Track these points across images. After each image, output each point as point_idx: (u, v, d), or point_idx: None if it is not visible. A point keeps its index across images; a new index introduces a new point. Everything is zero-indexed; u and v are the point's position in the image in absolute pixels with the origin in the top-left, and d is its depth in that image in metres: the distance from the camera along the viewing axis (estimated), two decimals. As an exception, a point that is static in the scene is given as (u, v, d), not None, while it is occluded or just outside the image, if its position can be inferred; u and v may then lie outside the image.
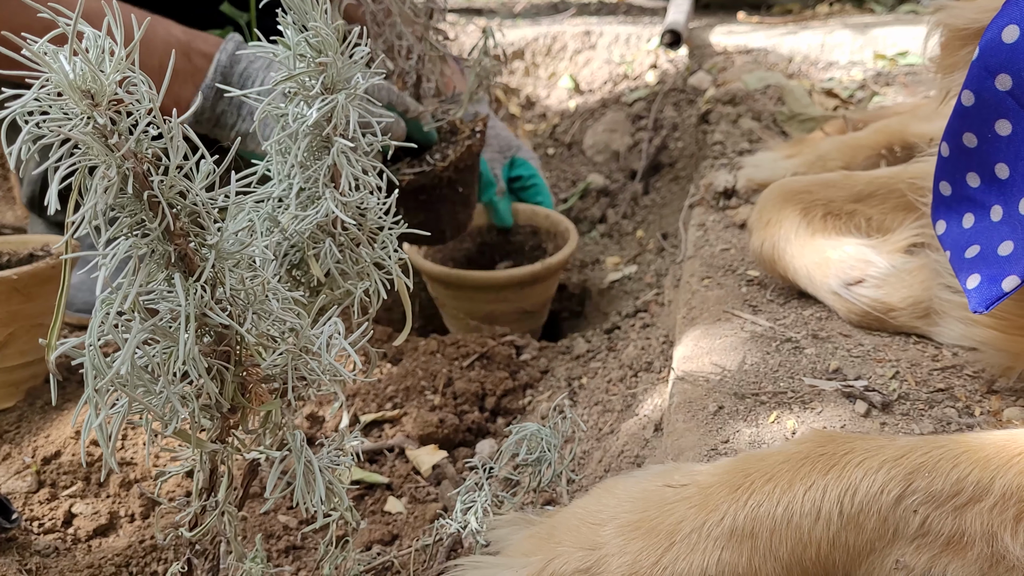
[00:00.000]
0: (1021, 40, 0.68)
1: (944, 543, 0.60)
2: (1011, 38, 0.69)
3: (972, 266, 0.73)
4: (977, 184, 0.76)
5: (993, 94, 0.71)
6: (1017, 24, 0.68)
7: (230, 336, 0.57)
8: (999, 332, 0.79)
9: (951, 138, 0.77)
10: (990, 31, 0.71)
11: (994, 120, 0.72)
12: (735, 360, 0.92)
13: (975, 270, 0.73)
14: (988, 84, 0.71)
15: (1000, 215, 0.73)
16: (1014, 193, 0.72)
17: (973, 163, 0.75)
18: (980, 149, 0.74)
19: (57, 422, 1.10)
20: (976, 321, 0.81)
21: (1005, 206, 0.72)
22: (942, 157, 0.78)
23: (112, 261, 0.50)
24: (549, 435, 0.80)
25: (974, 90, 0.73)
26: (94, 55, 0.48)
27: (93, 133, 0.47)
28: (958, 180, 0.77)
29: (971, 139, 0.75)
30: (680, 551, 0.62)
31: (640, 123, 2.17)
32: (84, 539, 0.94)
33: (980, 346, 0.83)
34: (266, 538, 0.93)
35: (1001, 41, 0.70)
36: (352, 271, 0.66)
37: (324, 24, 0.58)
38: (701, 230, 1.33)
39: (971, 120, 0.74)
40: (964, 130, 0.75)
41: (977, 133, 0.74)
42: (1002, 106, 0.71)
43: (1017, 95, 0.70)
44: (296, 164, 0.62)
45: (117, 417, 0.54)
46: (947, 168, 0.78)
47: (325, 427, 1.13)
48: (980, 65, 0.72)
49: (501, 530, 0.72)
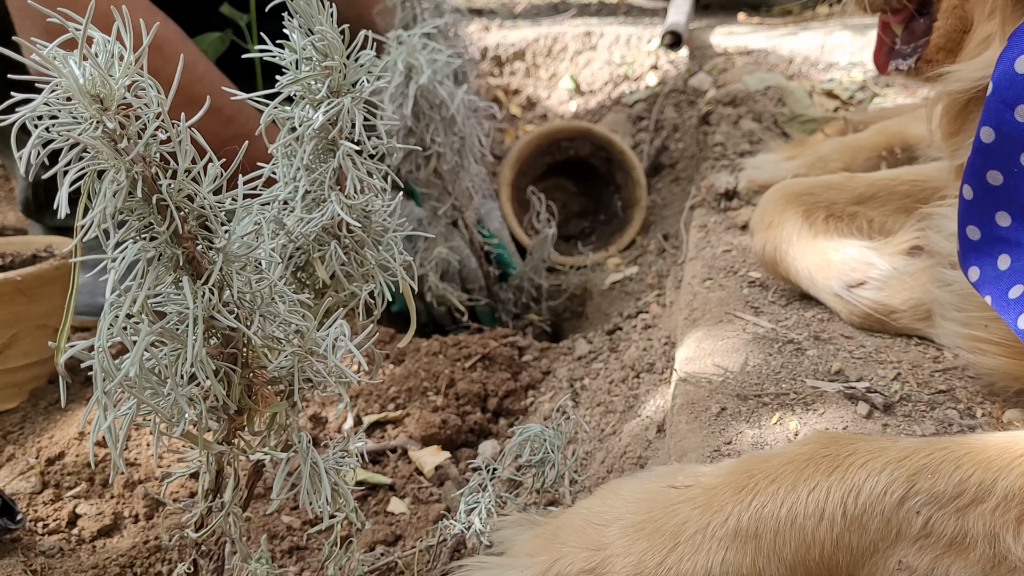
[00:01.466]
0: None
1: (947, 544, 0.61)
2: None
3: (1019, 305, 0.71)
4: (1008, 223, 0.73)
5: (1014, 127, 0.69)
6: None
7: (237, 338, 0.57)
8: (1008, 359, 0.79)
9: (974, 179, 0.74)
10: (1002, 63, 0.69)
11: (1019, 153, 0.70)
12: (737, 361, 0.92)
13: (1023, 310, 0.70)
14: (1008, 117, 0.69)
15: None
16: None
17: (1001, 201, 0.73)
18: (1007, 185, 0.72)
19: (61, 423, 1.11)
20: (984, 351, 0.80)
21: None
22: (965, 200, 0.76)
23: (121, 264, 0.51)
24: (552, 436, 0.80)
25: (994, 125, 0.71)
26: (104, 60, 0.48)
27: (102, 137, 0.48)
28: (987, 221, 0.74)
29: (996, 176, 0.73)
30: (684, 552, 0.62)
31: (641, 124, 2.17)
32: (88, 540, 0.95)
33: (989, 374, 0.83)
34: (270, 539, 0.94)
35: (1015, 72, 0.68)
36: (357, 273, 0.66)
37: (330, 28, 0.59)
38: (702, 231, 1.34)
39: (994, 156, 0.72)
40: (988, 168, 0.73)
41: (1002, 169, 0.72)
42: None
43: None
44: (302, 167, 0.63)
45: (125, 419, 0.54)
46: (972, 211, 0.75)
47: (329, 428, 1.14)
48: (996, 99, 0.70)
49: (506, 531, 0.73)
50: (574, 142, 1.88)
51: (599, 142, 1.85)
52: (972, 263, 0.76)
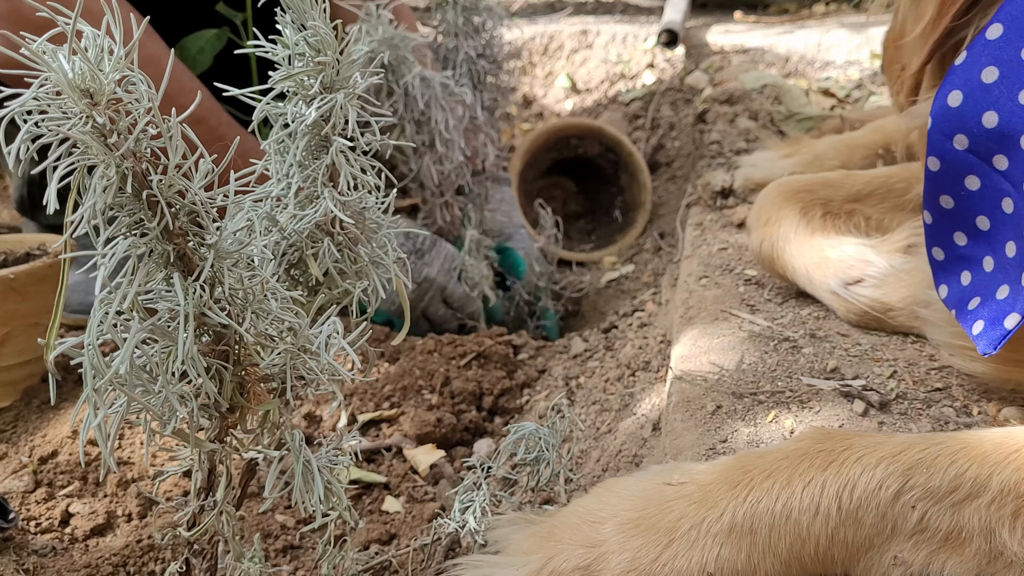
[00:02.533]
0: (965, 102, 0.74)
1: (942, 539, 0.61)
2: (956, 102, 0.75)
3: (975, 315, 0.76)
4: (964, 242, 0.79)
5: (955, 155, 0.76)
6: (959, 89, 0.75)
7: (229, 335, 0.56)
8: (994, 363, 0.80)
9: (930, 204, 0.81)
10: (938, 100, 0.77)
11: (963, 178, 0.76)
12: (733, 359, 0.92)
13: (978, 317, 0.76)
14: (948, 147, 0.76)
15: (992, 264, 0.76)
16: (998, 240, 0.75)
17: (956, 223, 0.79)
18: (958, 208, 0.78)
19: (54, 421, 1.10)
20: (974, 358, 0.82)
21: (994, 255, 0.76)
22: (927, 225, 0.82)
23: (111, 260, 0.50)
24: (547, 434, 0.80)
25: (937, 155, 0.77)
26: (93, 54, 0.48)
27: (92, 132, 0.47)
28: (947, 242, 0.81)
29: (948, 201, 0.79)
30: (679, 548, 0.62)
31: (637, 122, 2.17)
32: (81, 539, 0.94)
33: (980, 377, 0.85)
34: (264, 537, 0.93)
35: (948, 106, 0.75)
36: (350, 270, 0.65)
37: (323, 23, 0.58)
38: (698, 229, 1.33)
39: (942, 183, 0.78)
40: (939, 194, 0.79)
41: (951, 193, 0.78)
42: (966, 163, 0.75)
43: (975, 150, 0.74)
44: (295, 163, 0.62)
45: (116, 417, 0.53)
46: (934, 234, 0.82)
47: (323, 426, 1.13)
48: (936, 131, 0.77)
49: (502, 530, 0.72)
50: (583, 140, 1.88)
51: (609, 142, 1.85)
52: (941, 282, 0.82)
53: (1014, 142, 0.71)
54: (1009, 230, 0.74)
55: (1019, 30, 0.71)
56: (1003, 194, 0.74)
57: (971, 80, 0.74)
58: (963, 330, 0.81)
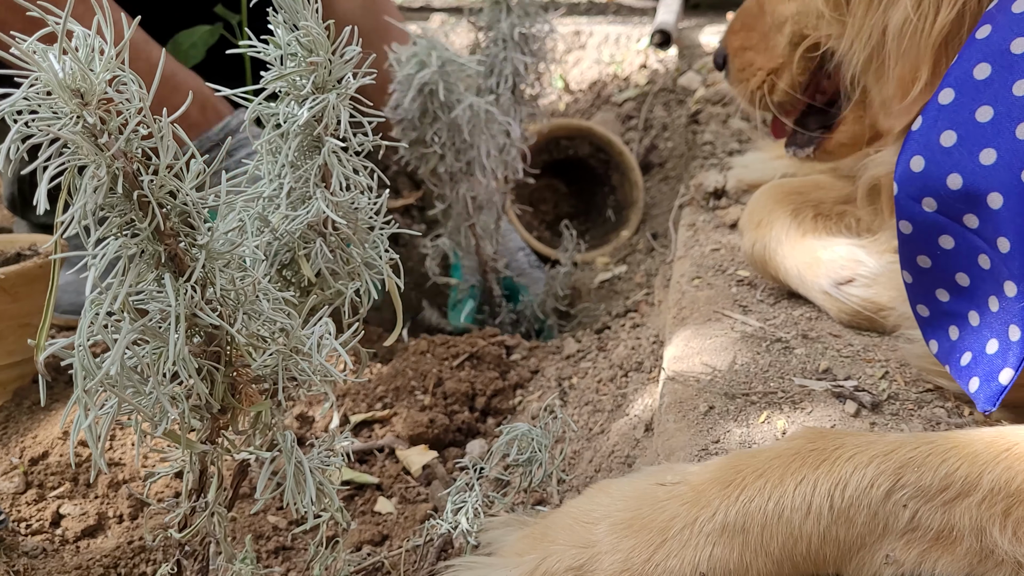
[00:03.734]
0: (928, 167, 0.76)
1: (933, 538, 0.61)
2: (919, 167, 0.76)
3: (969, 371, 0.76)
4: (947, 298, 0.80)
5: (924, 216, 0.77)
6: (919, 155, 0.76)
7: (220, 336, 0.56)
8: None
9: (908, 265, 0.82)
10: (900, 165, 0.78)
11: (936, 238, 0.77)
12: (725, 360, 0.92)
13: (973, 374, 0.76)
14: (917, 210, 0.77)
15: (978, 319, 0.77)
16: (980, 295, 0.76)
17: (936, 280, 0.80)
18: (936, 266, 0.79)
19: (45, 423, 1.10)
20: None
21: (978, 309, 0.77)
22: (908, 284, 0.83)
23: (101, 261, 0.50)
24: (539, 435, 0.80)
25: (907, 218, 0.79)
26: (84, 54, 0.47)
27: (82, 132, 0.47)
28: (930, 299, 0.81)
29: (925, 260, 0.80)
30: (672, 548, 0.62)
31: (630, 123, 2.17)
32: (72, 540, 0.94)
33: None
34: (256, 539, 0.93)
35: (912, 171, 0.77)
36: (343, 271, 0.65)
37: (315, 23, 0.58)
38: (691, 230, 1.34)
39: (917, 244, 0.79)
40: (915, 254, 0.80)
41: (927, 253, 0.79)
42: (937, 224, 0.77)
43: (944, 211, 0.76)
44: (287, 164, 0.62)
45: (106, 418, 0.53)
46: (917, 292, 0.82)
47: (315, 427, 1.13)
48: (903, 195, 0.78)
49: (495, 531, 0.72)
50: (574, 141, 1.87)
51: (599, 142, 1.85)
52: (930, 337, 0.82)
53: (981, 201, 0.72)
54: (989, 285, 0.75)
55: (969, 92, 0.73)
56: (978, 251, 0.75)
57: (931, 145, 0.76)
58: None
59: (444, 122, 1.29)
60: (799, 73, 1.05)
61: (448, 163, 1.33)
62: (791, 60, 1.03)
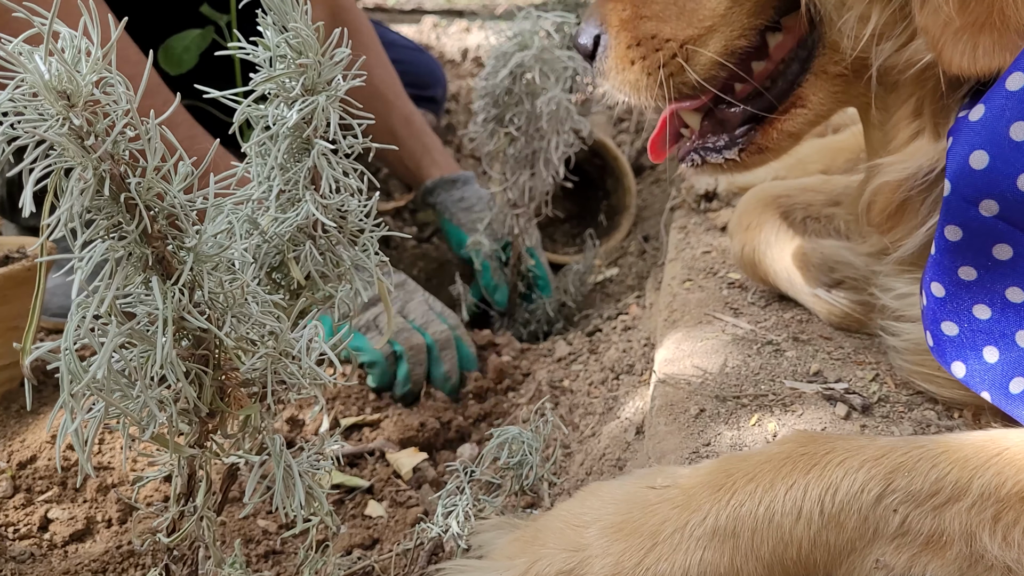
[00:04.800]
0: (993, 163, 0.66)
1: (924, 542, 0.61)
2: (980, 164, 0.67)
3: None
4: (988, 316, 0.71)
5: (981, 222, 0.68)
6: (982, 149, 0.66)
7: (209, 340, 0.56)
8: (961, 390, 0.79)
9: (944, 277, 0.72)
10: (954, 161, 0.68)
11: (991, 247, 0.69)
12: (716, 363, 0.92)
13: None
14: (972, 214, 0.68)
15: None
16: None
17: (977, 295, 0.71)
18: (982, 279, 0.71)
19: (33, 426, 1.09)
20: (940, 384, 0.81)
21: None
22: (936, 298, 0.74)
23: (88, 264, 0.50)
24: (530, 438, 0.79)
25: (959, 223, 0.69)
26: (70, 55, 0.47)
27: (69, 134, 0.47)
28: (964, 317, 0.72)
29: (969, 272, 0.71)
30: (663, 551, 0.62)
31: (622, 125, 2.17)
32: (60, 545, 0.93)
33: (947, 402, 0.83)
34: (245, 543, 0.93)
35: (971, 168, 0.67)
36: (332, 274, 0.65)
37: (304, 25, 0.58)
38: (682, 233, 1.34)
39: (963, 254, 0.70)
40: (958, 265, 0.71)
41: (975, 264, 0.70)
42: (995, 231, 0.68)
43: (1007, 216, 0.67)
44: (276, 166, 0.62)
45: (93, 422, 0.53)
46: (946, 308, 0.73)
47: (305, 431, 1.12)
48: (957, 197, 0.68)
49: (485, 534, 0.72)
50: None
51: (594, 146, 1.84)
52: (954, 359, 0.73)
53: None
54: None
55: None
56: None
57: (997, 138, 0.65)
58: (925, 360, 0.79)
59: (526, 107, 1.28)
60: (736, 36, 0.82)
61: (518, 148, 1.33)
62: (729, 18, 0.81)
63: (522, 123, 1.30)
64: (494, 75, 1.26)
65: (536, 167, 1.35)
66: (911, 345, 0.83)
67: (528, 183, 1.37)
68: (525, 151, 1.33)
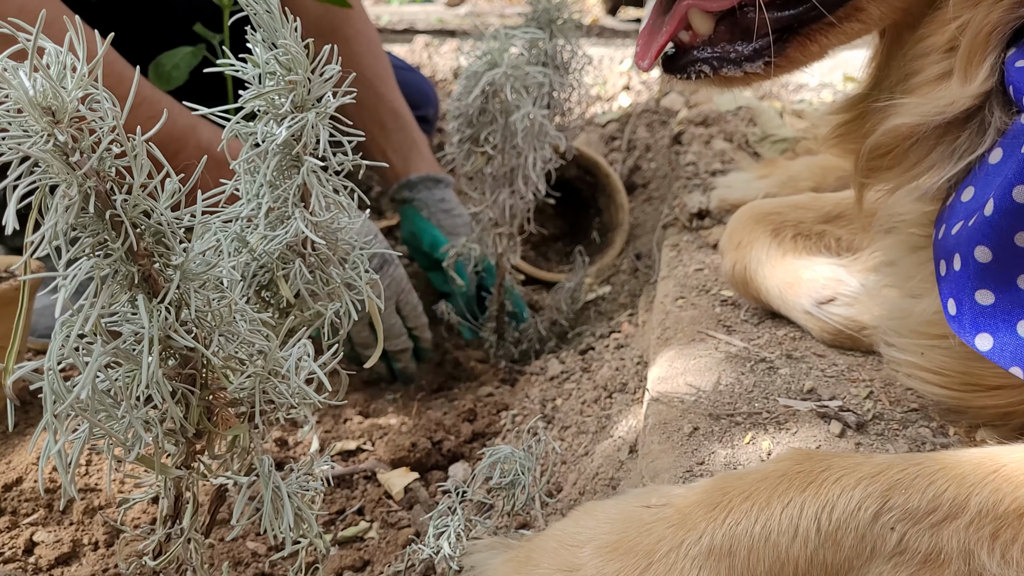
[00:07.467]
0: None
1: (921, 561, 0.60)
2: None
3: None
4: None
5: None
6: None
7: (196, 359, 0.55)
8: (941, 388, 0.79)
9: (994, 240, 0.66)
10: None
11: None
12: (710, 381, 0.92)
13: None
14: None
15: None
16: None
17: None
18: None
19: (19, 448, 1.08)
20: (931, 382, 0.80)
21: None
22: (979, 263, 0.68)
23: (73, 282, 0.49)
24: (523, 458, 0.79)
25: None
26: (55, 71, 0.47)
27: (54, 151, 0.46)
28: (1005, 285, 0.67)
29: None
30: (658, 571, 0.61)
31: (613, 144, 2.17)
32: (46, 568, 0.92)
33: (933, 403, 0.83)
34: (234, 565, 0.91)
35: None
36: (322, 292, 0.64)
37: (294, 42, 0.58)
38: (675, 250, 1.33)
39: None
40: (1018, 229, 0.64)
41: None
42: None
43: None
44: (265, 183, 0.61)
45: (77, 443, 0.52)
46: (988, 275, 0.67)
47: (295, 451, 1.11)
48: None
49: (478, 555, 0.71)
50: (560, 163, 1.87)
51: (586, 164, 1.84)
52: (981, 330, 0.68)
53: None
54: None
55: None
56: None
57: None
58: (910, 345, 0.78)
59: (500, 125, 1.28)
60: None
61: (496, 166, 1.32)
62: None
63: (498, 141, 1.29)
64: (466, 95, 1.25)
65: (515, 184, 1.34)
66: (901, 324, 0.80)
67: (508, 201, 1.36)
68: (503, 169, 1.33)
